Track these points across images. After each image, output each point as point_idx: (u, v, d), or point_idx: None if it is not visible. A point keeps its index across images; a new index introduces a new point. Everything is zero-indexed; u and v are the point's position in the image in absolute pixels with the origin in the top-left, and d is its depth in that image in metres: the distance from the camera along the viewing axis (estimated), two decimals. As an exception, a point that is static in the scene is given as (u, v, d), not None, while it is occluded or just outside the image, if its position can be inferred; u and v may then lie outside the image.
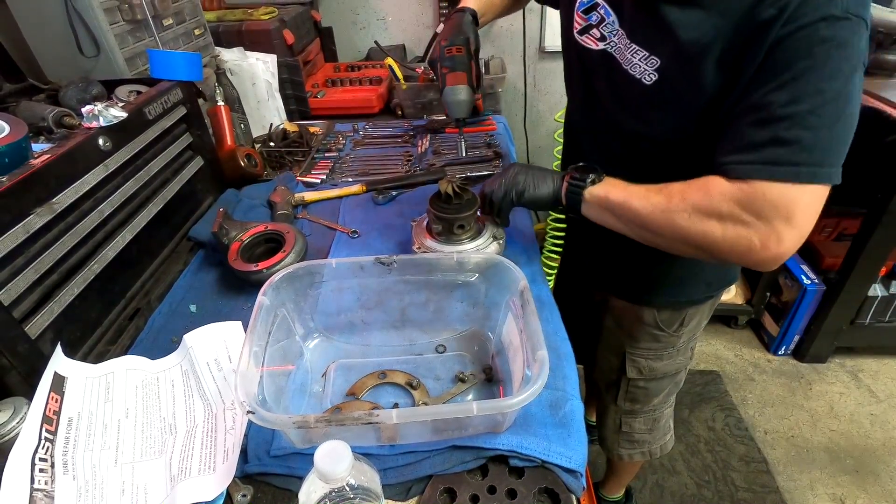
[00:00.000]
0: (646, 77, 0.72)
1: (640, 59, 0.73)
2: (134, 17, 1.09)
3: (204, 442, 0.63)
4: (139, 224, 0.89)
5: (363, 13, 2.09)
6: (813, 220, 0.63)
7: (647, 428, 1.23)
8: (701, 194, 0.67)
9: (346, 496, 0.46)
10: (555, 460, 0.60)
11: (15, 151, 0.70)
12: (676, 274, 0.96)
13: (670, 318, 1.03)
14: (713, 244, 0.66)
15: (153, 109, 0.93)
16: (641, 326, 1.05)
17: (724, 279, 1.02)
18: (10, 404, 0.58)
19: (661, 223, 0.70)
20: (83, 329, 0.77)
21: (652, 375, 1.12)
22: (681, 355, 1.11)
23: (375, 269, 0.73)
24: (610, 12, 0.77)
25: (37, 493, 0.53)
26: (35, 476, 0.54)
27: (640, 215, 0.72)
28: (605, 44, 0.79)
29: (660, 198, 0.70)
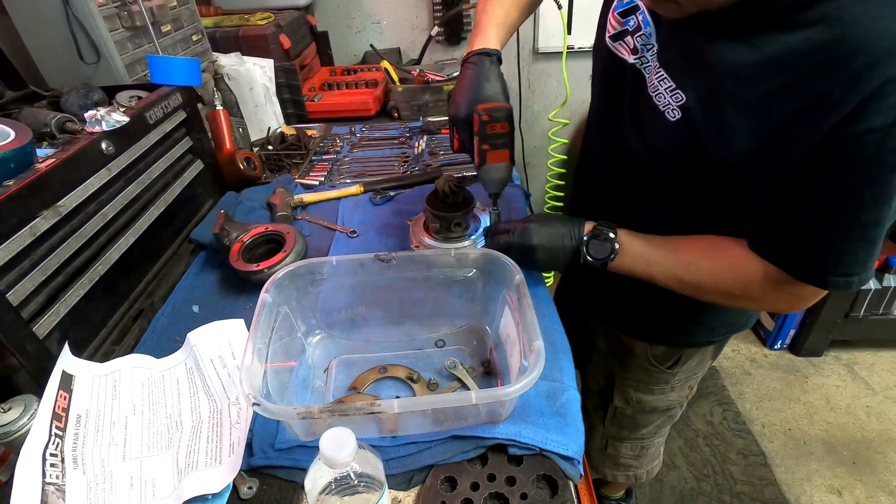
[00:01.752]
0: (669, 112, 0.64)
1: (666, 89, 0.64)
2: (133, 23, 1.11)
3: (209, 436, 0.65)
4: (142, 226, 0.90)
5: (358, 17, 2.11)
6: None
7: (633, 454, 1.21)
8: (733, 277, 0.68)
9: (351, 483, 0.48)
10: (552, 448, 0.62)
11: (20, 156, 0.71)
12: (672, 314, 0.90)
13: (664, 355, 0.98)
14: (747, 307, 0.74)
15: (154, 114, 0.95)
16: (632, 358, 1.01)
17: (732, 326, 0.95)
18: (21, 402, 0.59)
19: (692, 295, 0.74)
20: (89, 330, 0.78)
21: (640, 408, 1.08)
22: (675, 392, 1.06)
23: (375, 266, 0.75)
24: (648, 21, 0.68)
25: (49, 487, 0.55)
26: (46, 470, 0.56)
27: (668, 287, 0.75)
28: (637, 58, 0.70)
29: (689, 277, 0.72)
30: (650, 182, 0.76)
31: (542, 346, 0.59)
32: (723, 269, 0.69)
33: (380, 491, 0.49)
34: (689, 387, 1.08)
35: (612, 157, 0.83)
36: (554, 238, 0.77)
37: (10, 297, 0.63)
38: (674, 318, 0.92)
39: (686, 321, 0.92)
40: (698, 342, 0.96)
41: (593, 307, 1.07)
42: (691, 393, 1.11)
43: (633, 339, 0.99)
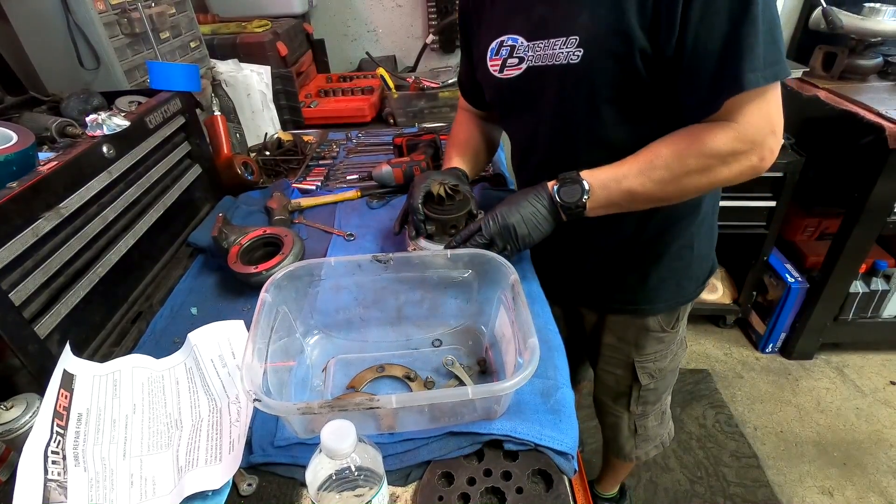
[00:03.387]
0: (571, 57, 0.75)
1: (559, 46, 0.76)
2: (133, 30, 1.13)
3: (209, 434, 0.65)
4: (141, 229, 0.91)
5: (354, 25, 2.14)
6: (782, 117, 0.73)
7: (658, 422, 1.27)
8: (697, 149, 0.72)
9: (351, 476, 0.49)
10: (547, 443, 0.63)
11: (23, 159, 0.73)
12: (674, 277, 1.00)
13: (668, 318, 1.07)
14: (724, 181, 0.76)
15: (154, 119, 0.96)
16: (647, 334, 1.07)
17: (708, 271, 1.06)
18: (23, 400, 0.60)
19: (673, 192, 0.77)
20: (88, 331, 0.79)
21: (661, 375, 1.15)
22: (680, 349, 1.16)
23: (372, 267, 0.76)
24: (516, 37, 0.82)
25: (51, 484, 0.55)
26: (48, 467, 0.56)
27: (650, 195, 0.77)
28: (526, 63, 0.81)
29: (660, 171, 0.74)
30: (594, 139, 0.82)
31: (536, 343, 0.60)
32: (681, 147, 0.74)
33: (379, 485, 0.51)
34: (684, 338, 1.16)
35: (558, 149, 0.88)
36: (525, 208, 0.80)
37: (12, 296, 0.64)
38: (672, 283, 1.00)
39: (683, 279, 1.01)
40: (691, 295, 1.05)
41: (596, 303, 1.10)
42: (686, 344, 1.20)
43: (644, 317, 1.05)
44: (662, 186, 0.76)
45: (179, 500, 0.58)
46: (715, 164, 0.73)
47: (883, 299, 1.96)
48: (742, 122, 0.70)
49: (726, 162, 0.72)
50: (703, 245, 1.00)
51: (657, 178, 0.75)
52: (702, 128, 0.72)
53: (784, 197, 1.86)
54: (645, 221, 0.91)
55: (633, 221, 0.91)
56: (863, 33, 1.79)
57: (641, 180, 0.76)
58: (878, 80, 1.90)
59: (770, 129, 0.71)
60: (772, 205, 1.89)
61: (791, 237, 2.16)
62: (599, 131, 0.81)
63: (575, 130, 0.83)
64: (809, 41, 2.02)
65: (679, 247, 0.96)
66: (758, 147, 0.72)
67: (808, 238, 2.15)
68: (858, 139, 1.67)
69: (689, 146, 0.73)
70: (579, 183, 0.77)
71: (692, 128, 0.74)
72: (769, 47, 0.66)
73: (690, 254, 0.98)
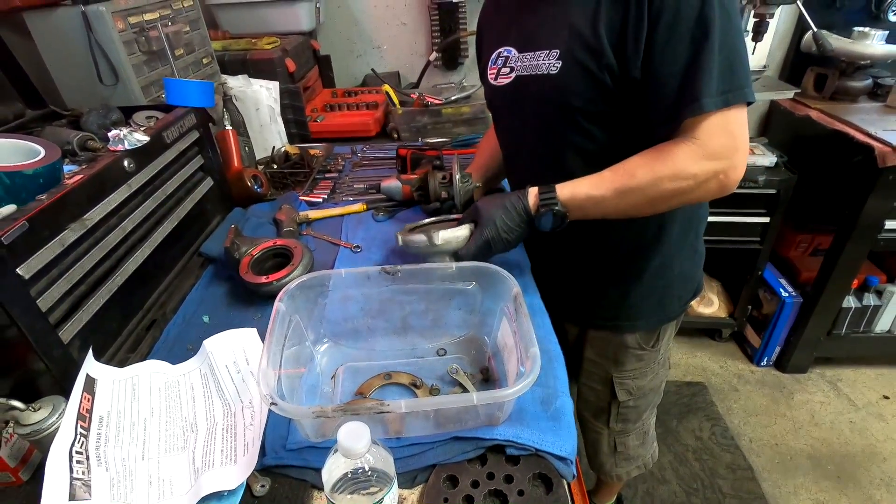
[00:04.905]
0: (551, 69, 0.82)
1: (542, 58, 0.83)
2: (150, 48, 1.17)
3: (224, 437, 0.68)
4: (156, 240, 0.95)
5: (359, 42, 2.20)
6: (748, 137, 0.77)
7: (639, 442, 1.29)
8: (664, 164, 0.77)
9: (365, 476, 0.52)
10: (547, 448, 0.66)
11: (50, 173, 0.76)
12: (655, 296, 1.04)
13: (648, 336, 1.10)
14: (695, 199, 0.81)
15: (170, 134, 1.00)
16: (625, 351, 1.10)
17: (691, 290, 1.10)
18: (50, 402, 0.63)
19: (645, 207, 0.82)
20: (105, 337, 0.82)
21: (640, 394, 1.18)
22: (661, 368, 1.18)
23: (380, 278, 0.80)
24: (510, 49, 0.90)
25: (76, 482, 0.58)
26: (73, 466, 0.59)
27: (624, 214, 0.84)
28: (515, 72, 0.89)
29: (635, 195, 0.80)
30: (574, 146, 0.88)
31: (538, 352, 0.64)
32: (655, 165, 0.78)
33: (390, 485, 0.54)
34: (667, 359, 1.19)
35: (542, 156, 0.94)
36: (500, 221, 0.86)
37: (39, 303, 0.67)
38: (653, 301, 1.04)
39: (664, 297, 1.04)
40: (673, 314, 1.09)
41: (577, 316, 1.14)
42: (669, 364, 1.22)
43: (623, 334, 1.08)
44: (637, 208, 0.82)
45: (196, 499, 0.61)
46: (687, 185, 0.77)
47: (875, 314, 2.00)
48: (707, 141, 0.75)
49: (698, 181, 0.77)
50: (684, 265, 1.03)
51: (632, 202, 0.81)
52: (672, 149, 0.77)
53: (777, 213, 1.90)
54: (620, 239, 0.97)
55: (610, 238, 0.97)
56: (852, 56, 1.85)
57: (616, 202, 0.81)
58: (867, 101, 1.96)
59: (734, 147, 0.76)
60: (765, 221, 1.93)
61: (785, 253, 2.21)
62: (575, 138, 0.87)
63: (554, 136, 0.89)
64: (801, 63, 2.08)
65: (658, 266, 1.00)
66: (724, 164, 0.76)
67: (802, 254, 2.20)
68: (849, 158, 1.73)
69: (663, 168, 0.77)
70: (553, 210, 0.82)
71: (664, 148, 0.78)
72: (726, 74, 0.72)
73: (671, 273, 1.02)
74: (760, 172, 1.83)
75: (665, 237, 0.97)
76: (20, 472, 0.67)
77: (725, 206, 1.88)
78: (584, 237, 0.96)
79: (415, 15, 2.13)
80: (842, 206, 1.81)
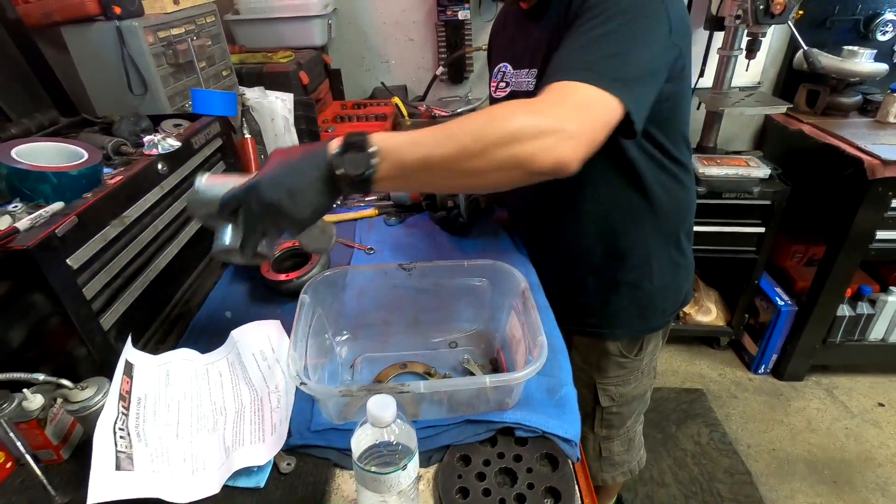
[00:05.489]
0: (529, 86, 0.89)
1: (524, 76, 0.92)
2: (177, 61, 1.24)
3: (252, 419, 0.73)
4: (183, 239, 1.01)
5: (368, 57, 2.28)
6: (602, 126, 0.65)
7: (624, 449, 1.31)
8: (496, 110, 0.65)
9: (389, 450, 0.57)
10: (553, 431, 0.71)
11: (92, 174, 0.83)
12: (636, 306, 1.07)
13: (630, 345, 1.12)
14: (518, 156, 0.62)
15: (197, 140, 1.06)
16: (607, 357, 1.13)
17: (676, 303, 1.12)
18: (95, 382, 0.68)
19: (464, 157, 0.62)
20: (138, 328, 0.87)
21: (623, 401, 1.20)
22: (645, 377, 1.20)
23: (397, 274, 0.86)
24: (507, 65, 0.98)
25: (120, 454, 0.63)
26: (117, 441, 0.64)
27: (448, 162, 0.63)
28: (510, 87, 0.97)
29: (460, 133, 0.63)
30: None
31: (545, 340, 0.69)
32: (494, 109, 0.65)
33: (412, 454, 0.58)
34: (652, 368, 1.21)
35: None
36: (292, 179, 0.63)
37: (85, 291, 0.73)
38: (636, 310, 1.07)
39: (645, 309, 1.08)
40: (656, 325, 1.11)
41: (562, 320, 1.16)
42: (655, 374, 1.25)
43: (605, 341, 1.12)
44: (458, 156, 0.62)
45: (228, 473, 0.66)
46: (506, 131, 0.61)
47: (869, 323, 2.05)
48: (543, 97, 0.66)
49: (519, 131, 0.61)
50: (665, 278, 1.05)
51: (452, 144, 0.62)
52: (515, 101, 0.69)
53: (772, 224, 1.96)
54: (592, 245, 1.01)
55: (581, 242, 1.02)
56: (842, 73, 1.93)
57: (441, 146, 0.62)
58: (857, 116, 2.03)
59: (570, 114, 0.63)
60: (761, 231, 1.99)
61: (781, 263, 2.27)
62: None
63: None
64: (794, 79, 2.16)
65: (636, 278, 1.03)
66: (549, 122, 0.62)
67: (797, 264, 2.26)
68: (840, 171, 1.79)
69: (489, 110, 0.65)
70: (364, 147, 0.62)
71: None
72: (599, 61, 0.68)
73: (650, 286, 1.04)
74: (755, 184, 1.89)
75: (639, 250, 1.00)
76: (61, 451, 0.72)
77: (722, 217, 1.95)
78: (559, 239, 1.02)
79: (422, 31, 2.22)
80: (834, 217, 1.87)
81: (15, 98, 1.07)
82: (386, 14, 2.19)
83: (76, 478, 0.69)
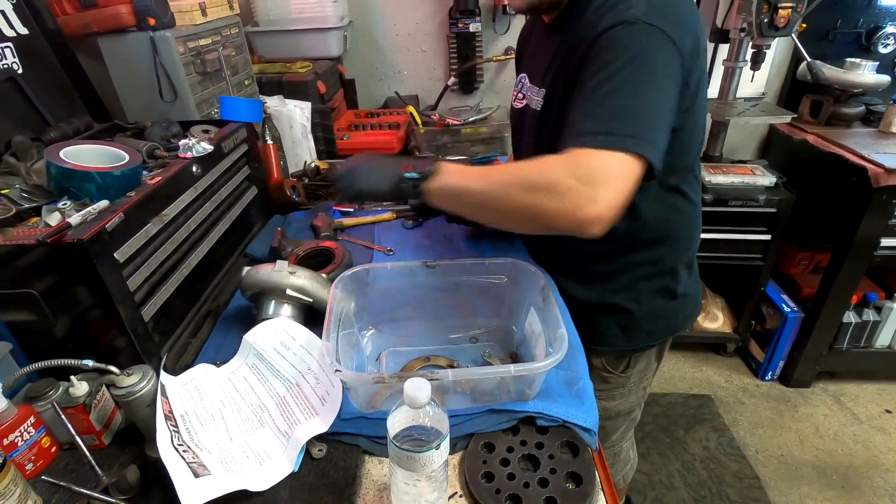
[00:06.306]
0: (538, 105, 0.91)
1: (535, 93, 0.94)
2: (205, 70, 1.30)
3: (297, 402, 0.77)
4: (213, 238, 1.05)
5: (381, 67, 2.34)
6: (627, 189, 0.70)
7: (608, 463, 1.29)
8: (535, 167, 0.73)
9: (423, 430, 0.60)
10: (573, 420, 0.74)
11: (134, 175, 0.87)
12: (619, 327, 1.06)
13: (616, 362, 1.12)
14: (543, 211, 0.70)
15: (227, 145, 1.11)
16: (592, 370, 1.09)
17: (665, 329, 1.10)
18: (139, 370, 0.72)
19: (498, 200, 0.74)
20: (172, 322, 0.91)
21: (606, 415, 1.17)
22: (632, 395, 1.18)
23: (421, 271, 0.90)
24: (526, 77, 1.00)
25: (192, 464, 0.65)
26: (183, 455, 0.66)
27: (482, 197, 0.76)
28: (525, 99, 1.00)
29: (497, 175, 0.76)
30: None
31: (565, 333, 0.73)
32: (529, 164, 0.74)
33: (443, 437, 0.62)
34: (642, 388, 1.19)
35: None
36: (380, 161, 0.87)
37: (129, 283, 0.77)
38: (618, 329, 1.07)
39: (629, 330, 1.07)
40: (639, 347, 1.10)
41: None
42: (645, 394, 1.23)
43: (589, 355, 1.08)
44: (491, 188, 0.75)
45: (297, 450, 0.70)
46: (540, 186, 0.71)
47: (875, 329, 2.07)
48: (579, 160, 0.70)
49: (550, 189, 0.69)
50: (655, 305, 1.04)
51: (492, 179, 0.75)
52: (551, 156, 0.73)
53: (778, 231, 1.99)
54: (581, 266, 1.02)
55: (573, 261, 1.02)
56: (845, 85, 1.97)
57: (480, 181, 0.76)
58: (861, 126, 2.07)
59: (603, 181, 0.68)
60: (767, 238, 2.02)
61: (787, 270, 2.29)
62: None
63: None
64: (798, 90, 2.21)
65: (622, 300, 1.03)
66: (584, 188, 0.67)
67: (803, 271, 2.28)
68: (845, 179, 1.83)
69: (531, 163, 0.74)
70: (431, 162, 0.80)
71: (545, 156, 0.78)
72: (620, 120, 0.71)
73: (637, 308, 1.03)
74: (761, 192, 1.93)
75: (626, 275, 1.01)
76: (103, 436, 0.75)
77: (728, 224, 1.98)
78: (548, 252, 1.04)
79: (434, 43, 2.28)
80: (839, 225, 1.90)
81: (53, 104, 1.12)
82: (399, 26, 2.25)
83: (118, 462, 0.73)
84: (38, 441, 0.71)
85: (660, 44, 0.73)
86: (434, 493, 0.63)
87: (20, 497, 0.62)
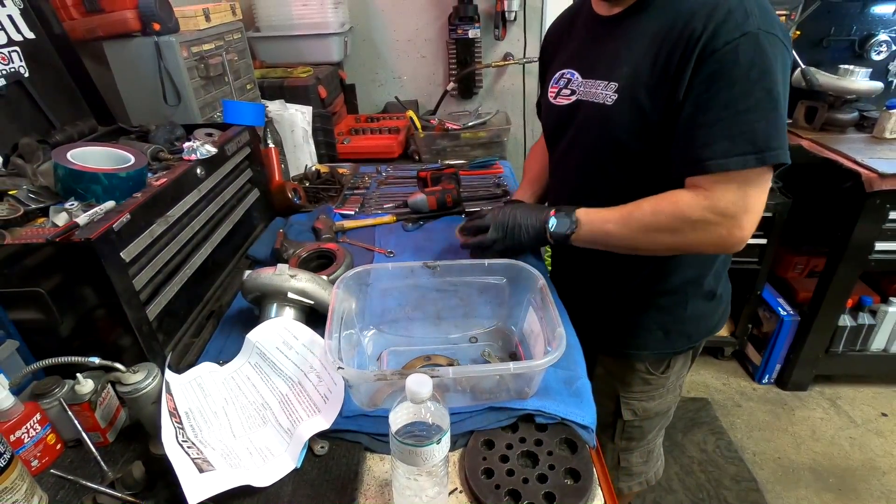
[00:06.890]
0: (607, 99, 0.88)
1: (601, 88, 0.90)
2: (208, 74, 1.32)
3: (299, 400, 0.78)
4: (216, 240, 1.06)
5: (381, 73, 2.37)
6: (763, 203, 0.78)
7: (643, 461, 1.31)
8: (669, 208, 0.81)
9: (424, 426, 0.62)
10: (571, 418, 0.76)
11: (140, 176, 0.89)
12: (660, 331, 1.08)
13: (657, 364, 1.14)
14: (693, 246, 0.83)
15: (230, 148, 1.13)
16: (633, 373, 1.15)
17: (705, 330, 1.12)
18: (145, 367, 0.73)
19: (644, 243, 0.87)
20: (176, 321, 0.92)
21: (646, 415, 1.20)
22: (670, 394, 1.20)
23: (421, 272, 0.91)
24: (574, 73, 0.98)
25: (197, 460, 0.66)
26: (187, 451, 0.67)
27: (625, 241, 0.88)
28: (576, 95, 0.96)
29: (636, 223, 0.85)
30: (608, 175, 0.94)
31: (563, 331, 0.74)
32: (661, 203, 0.82)
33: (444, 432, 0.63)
34: (679, 386, 1.21)
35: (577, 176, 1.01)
36: (526, 216, 0.95)
37: (134, 283, 0.78)
38: (658, 333, 1.08)
39: (671, 333, 1.08)
40: (679, 349, 1.12)
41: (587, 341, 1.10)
42: (681, 392, 1.25)
43: (631, 360, 1.13)
44: (635, 235, 0.87)
45: (300, 446, 0.71)
46: (684, 227, 0.80)
47: (870, 333, 2.09)
48: (716, 195, 0.77)
49: (695, 228, 0.79)
50: (698, 307, 1.07)
51: (634, 227, 0.86)
52: (683, 192, 0.81)
53: (774, 235, 2.02)
54: (630, 272, 1.02)
55: (620, 271, 1.02)
56: (839, 91, 2.00)
57: (620, 226, 0.87)
58: (854, 132, 2.10)
59: (744, 208, 0.76)
60: (763, 242, 2.04)
61: (783, 274, 2.31)
62: (611, 168, 0.94)
63: (594, 163, 0.96)
64: (793, 96, 2.22)
65: (668, 303, 1.05)
66: (728, 221, 0.77)
67: (799, 275, 2.31)
68: (839, 184, 1.85)
69: (666, 207, 0.82)
70: (570, 218, 0.91)
71: (677, 191, 0.83)
72: (757, 134, 0.75)
73: (681, 312, 1.05)
74: (757, 196, 1.95)
75: (675, 278, 1.02)
76: (108, 434, 0.76)
77: (725, 228, 2.00)
78: (598, 267, 1.04)
79: (433, 49, 2.31)
80: (834, 229, 1.92)
81: (59, 107, 1.14)
82: (399, 32, 2.28)
83: (122, 459, 0.73)
84: (44, 438, 0.72)
85: (779, 50, 0.76)
86: (435, 489, 0.64)
87: (26, 492, 0.63)
